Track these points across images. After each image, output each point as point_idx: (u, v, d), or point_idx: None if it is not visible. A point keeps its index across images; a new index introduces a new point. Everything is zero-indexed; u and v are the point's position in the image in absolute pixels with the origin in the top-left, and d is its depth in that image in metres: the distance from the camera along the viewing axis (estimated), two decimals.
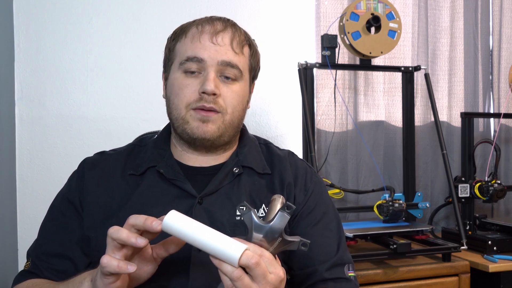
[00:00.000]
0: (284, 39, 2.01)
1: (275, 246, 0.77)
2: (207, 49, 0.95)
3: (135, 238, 0.74)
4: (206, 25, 0.98)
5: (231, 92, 0.97)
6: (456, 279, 1.62)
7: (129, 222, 0.77)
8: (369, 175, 2.13)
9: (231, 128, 0.99)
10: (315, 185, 1.06)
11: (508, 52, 2.34)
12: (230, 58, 0.96)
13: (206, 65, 0.95)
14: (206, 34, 0.96)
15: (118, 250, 0.76)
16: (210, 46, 0.96)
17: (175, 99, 0.97)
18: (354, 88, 2.15)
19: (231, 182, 1.00)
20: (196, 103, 0.95)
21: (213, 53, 0.95)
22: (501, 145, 2.31)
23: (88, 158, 1.06)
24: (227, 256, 0.73)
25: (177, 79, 0.97)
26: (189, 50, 0.96)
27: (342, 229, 1.06)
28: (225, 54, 0.96)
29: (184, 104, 0.96)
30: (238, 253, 0.72)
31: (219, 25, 0.98)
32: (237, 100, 0.98)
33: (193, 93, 0.95)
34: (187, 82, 0.96)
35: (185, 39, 0.98)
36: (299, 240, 0.78)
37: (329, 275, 0.97)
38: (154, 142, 1.06)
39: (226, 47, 0.96)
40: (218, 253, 0.73)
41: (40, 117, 1.73)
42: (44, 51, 1.74)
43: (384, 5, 1.82)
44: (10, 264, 1.65)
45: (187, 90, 0.95)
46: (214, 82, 0.94)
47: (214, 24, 0.98)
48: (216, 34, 0.96)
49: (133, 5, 1.83)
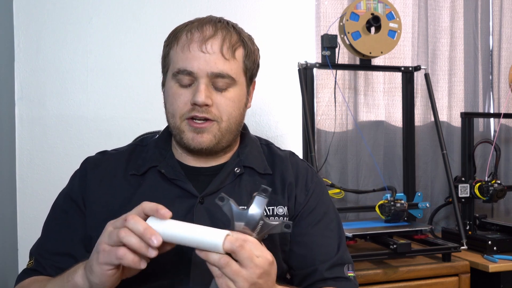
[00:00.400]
0: (284, 39, 2.01)
1: (258, 231, 0.78)
2: (196, 60, 0.94)
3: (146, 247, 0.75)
4: (195, 32, 0.96)
5: (225, 100, 0.96)
6: (456, 279, 1.62)
7: (142, 206, 0.78)
8: (369, 175, 2.13)
9: (229, 134, 0.99)
10: (315, 185, 1.06)
11: (508, 52, 2.34)
12: (220, 69, 0.94)
13: (196, 76, 0.95)
14: (195, 42, 0.95)
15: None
16: (199, 56, 0.94)
17: (170, 108, 0.98)
18: (354, 88, 2.15)
19: (232, 182, 1.00)
20: (188, 113, 0.95)
21: (203, 64, 0.94)
22: (501, 145, 2.31)
23: (90, 158, 1.06)
24: (210, 244, 0.74)
25: (171, 88, 0.97)
26: (180, 62, 0.95)
27: (343, 229, 1.07)
28: (214, 65, 0.94)
29: (178, 114, 0.96)
30: (221, 239, 0.73)
31: (209, 30, 0.96)
32: (232, 106, 0.98)
33: (185, 104, 0.95)
34: (180, 92, 0.96)
35: (177, 48, 0.97)
36: (281, 222, 0.79)
37: (329, 275, 0.98)
38: (156, 142, 1.06)
39: (216, 56, 0.95)
40: (202, 244, 0.74)
41: (40, 117, 1.73)
42: (44, 51, 1.74)
43: (384, 5, 1.82)
44: (10, 264, 1.65)
45: (180, 101, 0.96)
46: (205, 93, 0.93)
47: (203, 30, 0.96)
48: (206, 41, 0.95)
49: (133, 5, 1.83)
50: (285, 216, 1.00)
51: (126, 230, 0.74)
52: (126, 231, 0.74)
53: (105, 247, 0.75)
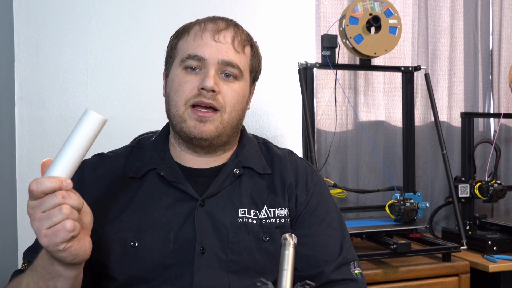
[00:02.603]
0: (284, 39, 2.01)
1: None
2: (208, 47, 0.96)
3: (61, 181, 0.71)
4: (208, 24, 0.98)
5: (231, 91, 0.97)
6: (456, 279, 1.62)
7: (30, 186, 0.71)
8: (369, 175, 2.13)
9: (230, 127, 0.98)
10: (315, 184, 1.05)
11: (508, 52, 2.34)
12: (231, 58, 0.96)
13: (206, 63, 0.95)
14: (208, 32, 0.97)
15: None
16: (211, 44, 0.96)
17: (174, 96, 0.97)
18: (354, 88, 2.15)
19: (232, 184, 1.00)
20: (194, 98, 0.94)
21: (214, 51, 0.95)
22: (501, 145, 2.31)
23: (87, 160, 1.04)
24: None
25: (178, 76, 0.97)
26: (190, 48, 0.97)
27: (345, 226, 1.06)
28: (225, 53, 0.96)
29: (183, 101, 0.95)
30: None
31: (222, 24, 0.99)
32: (237, 98, 0.98)
33: (192, 89, 0.95)
34: (187, 78, 0.96)
35: (188, 37, 0.98)
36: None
37: (335, 276, 0.97)
38: (153, 143, 1.05)
39: (227, 46, 0.97)
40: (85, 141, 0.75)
41: (40, 117, 1.73)
42: (44, 51, 1.74)
43: (380, 3, 1.82)
44: (10, 264, 1.65)
45: (186, 86, 0.95)
46: (213, 79, 0.94)
47: (216, 22, 0.99)
48: (218, 32, 0.97)
49: (133, 5, 1.83)
50: (286, 217, 1.00)
51: (60, 206, 0.70)
52: (61, 207, 0.70)
53: (47, 232, 0.70)
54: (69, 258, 0.74)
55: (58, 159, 0.74)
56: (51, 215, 0.70)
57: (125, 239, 0.93)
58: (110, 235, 0.94)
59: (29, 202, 0.72)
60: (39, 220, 0.71)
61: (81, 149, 0.74)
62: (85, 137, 0.74)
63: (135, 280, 0.92)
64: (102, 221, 0.95)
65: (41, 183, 0.70)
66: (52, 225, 0.70)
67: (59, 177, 0.72)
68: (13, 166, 1.69)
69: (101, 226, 0.94)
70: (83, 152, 0.75)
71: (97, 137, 0.78)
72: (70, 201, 0.71)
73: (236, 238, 0.94)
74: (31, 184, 0.71)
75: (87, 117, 0.75)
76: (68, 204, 0.71)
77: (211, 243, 0.93)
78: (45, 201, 0.71)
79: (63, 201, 0.70)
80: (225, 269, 0.93)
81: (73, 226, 0.71)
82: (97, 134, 0.75)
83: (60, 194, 0.70)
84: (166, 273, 0.92)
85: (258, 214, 0.98)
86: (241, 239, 0.95)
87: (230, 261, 0.93)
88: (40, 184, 0.70)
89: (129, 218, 0.95)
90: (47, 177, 0.71)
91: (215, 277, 0.92)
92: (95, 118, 0.74)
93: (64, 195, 0.71)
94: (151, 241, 0.93)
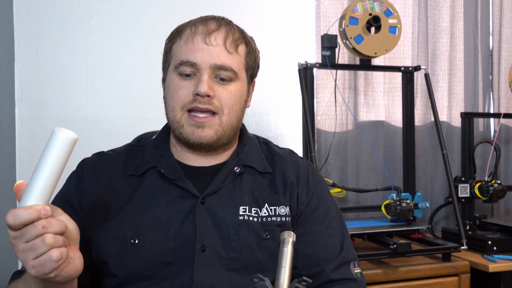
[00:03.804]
0: (284, 39, 2.01)
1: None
2: (200, 51, 0.95)
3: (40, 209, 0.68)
4: (199, 26, 0.97)
5: (227, 93, 0.97)
6: (456, 279, 1.62)
7: (7, 219, 0.68)
8: (369, 175, 2.13)
9: (230, 129, 0.98)
10: (316, 183, 1.06)
11: (508, 52, 2.34)
12: (223, 61, 0.95)
13: (199, 68, 0.95)
14: (199, 35, 0.96)
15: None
16: (203, 47, 0.95)
17: (170, 101, 0.98)
18: (354, 88, 2.15)
19: (232, 182, 1.00)
20: (190, 104, 0.95)
21: (206, 56, 0.95)
22: (501, 145, 2.31)
23: (87, 159, 1.05)
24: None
25: (173, 81, 0.97)
26: (183, 54, 0.96)
27: (345, 225, 1.06)
28: (217, 57, 0.95)
29: (179, 106, 0.96)
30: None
31: (213, 25, 0.97)
32: (233, 100, 0.98)
33: (187, 94, 0.95)
34: (182, 84, 0.96)
35: (180, 41, 0.98)
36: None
37: (335, 276, 0.97)
38: (153, 142, 1.05)
39: (219, 48, 0.96)
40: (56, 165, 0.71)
41: (40, 117, 1.73)
42: (44, 51, 1.74)
43: (380, 3, 1.82)
44: (10, 264, 1.65)
45: (181, 92, 0.95)
46: (207, 84, 0.94)
47: (207, 24, 0.97)
48: (209, 34, 0.96)
49: (133, 5, 1.83)
50: (287, 216, 1.00)
51: (43, 237, 0.68)
52: (44, 237, 0.68)
53: (34, 263, 0.69)
54: (62, 280, 0.73)
55: (33, 184, 0.70)
56: (35, 246, 0.68)
57: (125, 236, 0.93)
58: (110, 233, 0.94)
59: (9, 232, 0.69)
60: (23, 251, 0.69)
61: (55, 171, 0.71)
62: (58, 159, 0.71)
63: (135, 277, 0.92)
64: (102, 219, 0.95)
65: (18, 216, 0.67)
66: (37, 256, 0.68)
67: (35, 206, 0.68)
68: (13, 166, 1.69)
69: (101, 224, 0.95)
70: (58, 174, 0.72)
71: (97, 137, 0.77)
72: (52, 228, 0.68)
73: (236, 236, 0.95)
74: (7, 217, 0.67)
75: (57, 138, 0.70)
76: (50, 233, 0.68)
77: (212, 240, 0.93)
78: (25, 232, 0.68)
79: (44, 231, 0.68)
80: (225, 266, 0.93)
81: (59, 256, 0.68)
82: (70, 153, 0.72)
83: (40, 224, 0.67)
84: (166, 270, 0.92)
85: (259, 212, 0.98)
86: (241, 236, 0.95)
87: (230, 258, 0.94)
88: (17, 217, 0.67)
89: (129, 215, 0.95)
90: (23, 208, 0.68)
91: (215, 274, 0.92)
92: (65, 138, 0.71)
93: (44, 225, 0.68)
94: (151, 239, 0.93)
